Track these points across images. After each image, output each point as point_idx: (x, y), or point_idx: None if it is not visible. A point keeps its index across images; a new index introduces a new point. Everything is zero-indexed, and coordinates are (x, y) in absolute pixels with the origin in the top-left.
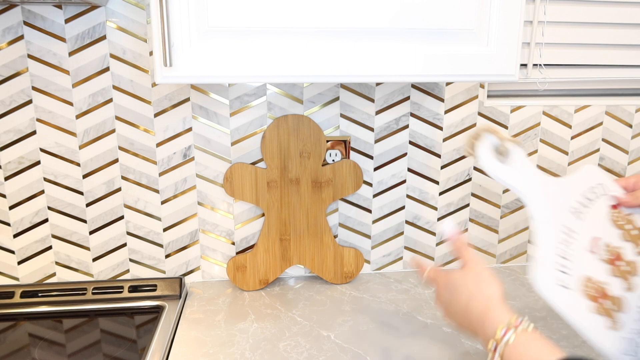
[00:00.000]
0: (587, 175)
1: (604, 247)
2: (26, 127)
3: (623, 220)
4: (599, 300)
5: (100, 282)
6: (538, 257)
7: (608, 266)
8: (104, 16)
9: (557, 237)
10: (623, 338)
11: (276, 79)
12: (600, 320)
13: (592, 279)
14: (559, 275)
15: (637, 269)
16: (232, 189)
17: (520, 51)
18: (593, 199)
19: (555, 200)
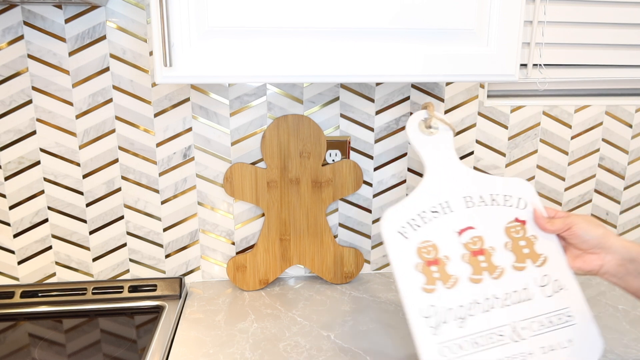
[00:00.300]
0: (513, 185)
1: (470, 237)
2: (26, 127)
3: (519, 234)
4: (429, 264)
5: (100, 282)
6: (401, 204)
7: (465, 252)
8: (104, 16)
9: (429, 202)
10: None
11: (276, 79)
12: (419, 278)
13: (436, 245)
14: (406, 226)
15: (495, 273)
16: (232, 189)
17: (520, 51)
18: (500, 204)
19: (452, 182)
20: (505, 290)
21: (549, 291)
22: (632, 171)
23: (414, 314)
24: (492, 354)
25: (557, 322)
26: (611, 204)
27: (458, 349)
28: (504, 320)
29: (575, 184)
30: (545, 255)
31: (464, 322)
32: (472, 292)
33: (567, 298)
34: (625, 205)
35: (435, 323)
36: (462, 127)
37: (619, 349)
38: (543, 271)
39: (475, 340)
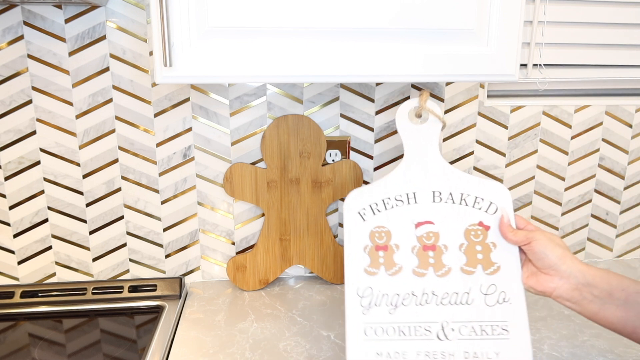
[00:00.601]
0: (489, 188)
1: (426, 232)
2: (26, 127)
3: (478, 238)
4: (378, 249)
5: (100, 282)
6: (368, 187)
7: (417, 244)
8: (104, 16)
9: (396, 190)
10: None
11: (276, 79)
12: (365, 259)
13: (390, 232)
14: (367, 209)
15: (440, 271)
16: (232, 189)
17: (520, 51)
18: (469, 204)
19: (426, 174)
20: (445, 290)
21: (491, 301)
22: (632, 171)
23: (351, 290)
24: (414, 346)
25: (489, 332)
26: (611, 204)
27: (382, 333)
28: (435, 317)
29: (575, 184)
30: (498, 265)
31: (396, 309)
32: (412, 284)
33: (509, 312)
34: (625, 205)
35: (368, 304)
36: (462, 127)
37: (618, 349)
38: (492, 280)
39: (401, 328)
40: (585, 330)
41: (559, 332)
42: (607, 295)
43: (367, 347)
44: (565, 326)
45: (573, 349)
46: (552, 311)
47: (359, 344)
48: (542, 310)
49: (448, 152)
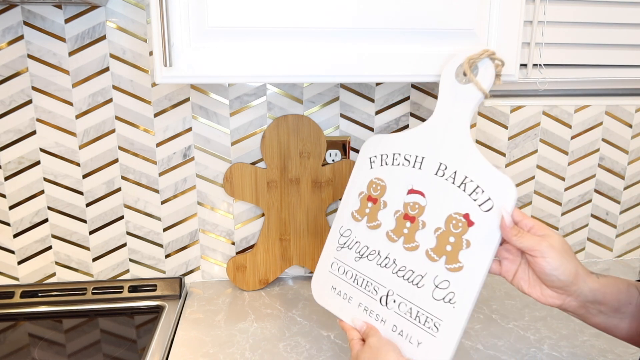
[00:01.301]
0: (495, 181)
1: (414, 201)
2: (26, 127)
3: (456, 230)
4: (369, 200)
5: (100, 282)
6: (387, 136)
7: (401, 210)
8: (104, 16)
9: (409, 149)
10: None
11: (276, 79)
12: (355, 203)
13: (385, 188)
14: (378, 157)
15: (409, 244)
16: (232, 189)
17: (520, 51)
18: (466, 191)
19: (443, 143)
20: (405, 264)
21: (438, 295)
22: (632, 171)
23: (336, 225)
24: (360, 296)
25: (422, 321)
26: (611, 204)
27: (343, 273)
28: (386, 282)
29: (575, 184)
30: (461, 265)
31: (360, 259)
32: (382, 244)
33: (448, 314)
34: (625, 205)
35: (343, 243)
36: None
37: (618, 349)
38: (448, 276)
39: (357, 277)
40: (585, 330)
41: (559, 332)
42: (614, 311)
43: (328, 277)
44: (565, 326)
45: (573, 349)
46: (552, 311)
47: (324, 272)
48: (542, 310)
49: None
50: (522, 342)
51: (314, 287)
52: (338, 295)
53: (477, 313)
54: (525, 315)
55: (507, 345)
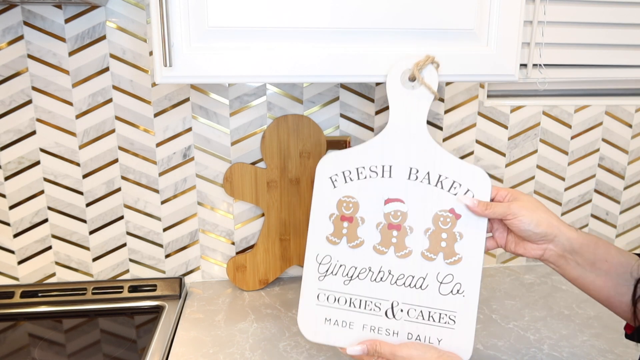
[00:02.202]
0: (469, 173)
1: (394, 210)
2: (26, 127)
3: (446, 226)
4: (343, 219)
5: (100, 282)
6: (343, 152)
7: (383, 221)
8: (104, 16)
9: (372, 161)
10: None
11: (276, 79)
12: (328, 227)
13: (358, 204)
14: (339, 175)
15: (401, 252)
16: (232, 189)
17: (520, 51)
18: (444, 188)
19: (407, 147)
20: (402, 271)
21: (445, 290)
22: (632, 171)
23: (311, 255)
24: (362, 318)
25: (437, 319)
26: (611, 204)
27: (334, 301)
28: (387, 295)
29: (575, 184)
30: (461, 256)
31: (350, 281)
32: (371, 260)
33: (460, 304)
34: (625, 205)
35: (325, 271)
36: (462, 127)
37: (618, 349)
38: (450, 270)
39: (353, 300)
40: (585, 330)
41: (559, 332)
42: (590, 265)
43: (318, 311)
44: (565, 326)
45: (573, 349)
46: (552, 311)
47: (311, 307)
48: (542, 310)
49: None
50: (522, 342)
51: (302, 326)
52: (336, 325)
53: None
54: (525, 315)
55: (507, 345)
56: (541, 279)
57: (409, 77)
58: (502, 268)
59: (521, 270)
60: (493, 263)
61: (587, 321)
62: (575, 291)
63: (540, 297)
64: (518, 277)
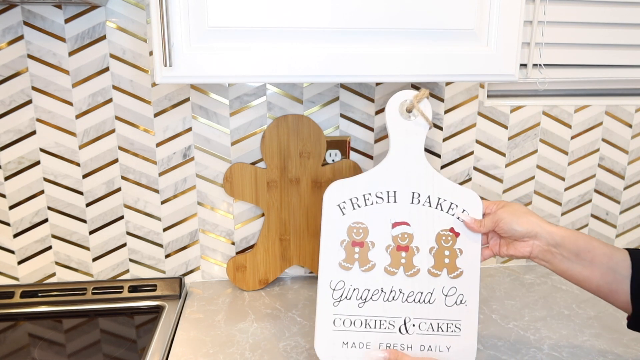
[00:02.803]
0: (464, 196)
1: (402, 232)
2: (26, 127)
3: (447, 244)
4: (354, 245)
5: (100, 282)
6: (350, 180)
7: (392, 244)
8: (104, 16)
9: (378, 187)
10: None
11: (276, 79)
12: (340, 253)
13: (367, 229)
14: (347, 203)
15: (410, 271)
16: (232, 189)
17: (520, 51)
18: (444, 209)
19: (408, 174)
20: (412, 289)
21: (450, 302)
22: (632, 171)
23: (324, 282)
24: (377, 337)
25: (444, 329)
26: (611, 204)
27: (350, 324)
28: (399, 313)
29: (575, 184)
30: (462, 270)
31: (365, 304)
32: (382, 281)
33: (464, 313)
34: (625, 205)
35: (339, 296)
36: (462, 127)
37: (618, 349)
38: (454, 283)
39: (368, 321)
40: (585, 330)
41: (559, 332)
42: (575, 256)
43: (335, 336)
44: (565, 326)
45: (573, 349)
46: (552, 311)
47: (328, 333)
48: (542, 310)
49: (448, 152)
50: (522, 342)
51: (319, 352)
52: (353, 348)
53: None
54: (525, 315)
55: (507, 345)
56: (541, 279)
57: (406, 108)
58: (502, 268)
59: (521, 270)
60: (493, 263)
61: (587, 321)
62: (575, 291)
63: (540, 297)
64: (518, 277)
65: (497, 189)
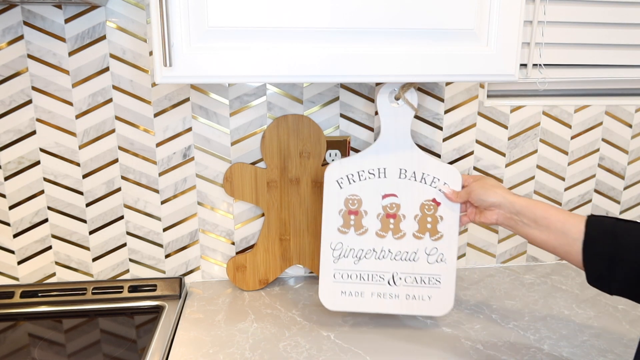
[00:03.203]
0: (445, 171)
1: (390, 203)
2: (26, 127)
3: (430, 211)
4: (350, 213)
5: (100, 282)
6: (347, 159)
7: (382, 212)
8: (104, 16)
9: (370, 165)
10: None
11: (276, 79)
12: (339, 220)
13: (361, 200)
14: (344, 179)
15: (397, 235)
16: (232, 189)
17: (520, 51)
18: (427, 183)
19: (396, 153)
20: (399, 249)
21: (432, 260)
22: (632, 171)
23: (326, 244)
24: (370, 288)
25: (426, 282)
26: (611, 204)
27: (347, 277)
28: (388, 268)
29: (575, 184)
30: (442, 234)
31: (359, 261)
32: (374, 243)
33: (443, 269)
34: (625, 205)
35: (338, 255)
36: (462, 127)
37: (618, 349)
38: (435, 244)
39: (362, 275)
40: (585, 330)
41: (559, 332)
42: (533, 222)
43: (335, 287)
44: (565, 326)
45: (573, 349)
46: (552, 311)
47: (329, 284)
48: (542, 310)
49: (448, 152)
50: (522, 342)
51: (323, 299)
52: (350, 296)
53: (477, 313)
54: (525, 315)
55: (507, 345)
56: (541, 279)
57: (395, 96)
58: (502, 268)
59: (521, 270)
60: (493, 263)
61: (587, 321)
62: (575, 291)
63: (540, 297)
64: (518, 277)
65: None
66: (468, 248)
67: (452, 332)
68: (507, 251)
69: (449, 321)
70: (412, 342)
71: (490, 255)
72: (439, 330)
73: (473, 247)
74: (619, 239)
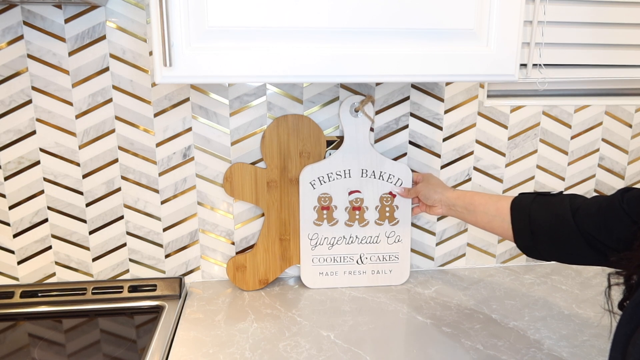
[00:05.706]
0: (398, 169)
1: (355, 197)
2: (26, 127)
3: (387, 202)
4: (323, 209)
5: (100, 282)
6: (317, 164)
7: (349, 206)
8: (104, 16)
9: (337, 167)
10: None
11: (276, 79)
12: (313, 215)
13: (331, 197)
14: (316, 180)
15: (362, 223)
16: (232, 189)
17: (520, 51)
18: (384, 179)
19: (358, 157)
20: (364, 235)
21: (391, 241)
22: (631, 171)
23: (304, 235)
24: (342, 268)
25: (387, 259)
26: None
27: (323, 261)
28: (356, 251)
29: (575, 183)
30: (398, 220)
31: (332, 247)
32: (344, 231)
33: (400, 247)
34: None
35: (315, 244)
36: (462, 127)
37: None
38: (393, 229)
39: (335, 258)
40: (585, 330)
41: (559, 332)
42: (464, 210)
43: (314, 269)
44: (565, 326)
45: (573, 349)
46: (552, 311)
47: (309, 267)
48: (542, 310)
49: (448, 152)
50: (522, 342)
51: (305, 279)
52: (327, 276)
53: (477, 313)
54: (525, 315)
55: (507, 345)
56: (541, 279)
57: (355, 109)
58: (502, 268)
59: (521, 270)
60: (493, 263)
61: (587, 321)
62: (575, 291)
63: (540, 297)
64: (518, 277)
65: (497, 188)
66: (468, 248)
67: (452, 332)
68: (507, 251)
69: (449, 321)
70: (412, 342)
71: (490, 255)
72: (438, 330)
73: (473, 247)
74: (532, 216)
